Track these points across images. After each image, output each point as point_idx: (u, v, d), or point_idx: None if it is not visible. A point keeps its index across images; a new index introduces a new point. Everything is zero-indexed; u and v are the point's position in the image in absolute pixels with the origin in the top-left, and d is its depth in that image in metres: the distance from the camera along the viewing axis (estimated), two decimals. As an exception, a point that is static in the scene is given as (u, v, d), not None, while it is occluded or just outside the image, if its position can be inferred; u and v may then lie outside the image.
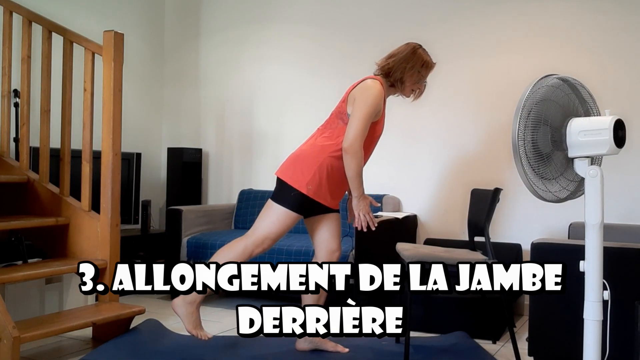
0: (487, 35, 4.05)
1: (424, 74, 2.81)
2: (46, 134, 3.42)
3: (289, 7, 4.74)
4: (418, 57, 2.79)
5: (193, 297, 2.74)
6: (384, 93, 2.74)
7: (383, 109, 2.77)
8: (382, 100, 2.72)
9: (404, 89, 2.82)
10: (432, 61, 2.84)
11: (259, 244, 2.74)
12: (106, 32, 3.26)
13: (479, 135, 4.06)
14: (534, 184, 2.15)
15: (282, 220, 2.71)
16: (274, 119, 4.78)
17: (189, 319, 2.73)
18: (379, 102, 2.68)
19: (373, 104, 2.66)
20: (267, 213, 2.75)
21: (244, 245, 2.74)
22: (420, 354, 2.90)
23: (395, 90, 2.84)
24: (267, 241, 2.74)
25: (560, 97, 2.17)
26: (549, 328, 2.69)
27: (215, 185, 5.02)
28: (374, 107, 2.66)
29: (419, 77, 2.81)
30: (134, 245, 4.43)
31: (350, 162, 2.64)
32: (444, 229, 4.15)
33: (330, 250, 2.87)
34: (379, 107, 2.69)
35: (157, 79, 5.21)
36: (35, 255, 3.59)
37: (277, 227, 2.72)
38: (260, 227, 2.74)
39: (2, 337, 2.48)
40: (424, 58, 2.80)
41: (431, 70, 2.84)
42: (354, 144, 2.62)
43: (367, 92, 2.68)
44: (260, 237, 2.73)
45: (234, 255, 2.73)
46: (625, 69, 3.69)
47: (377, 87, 2.70)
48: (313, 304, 2.88)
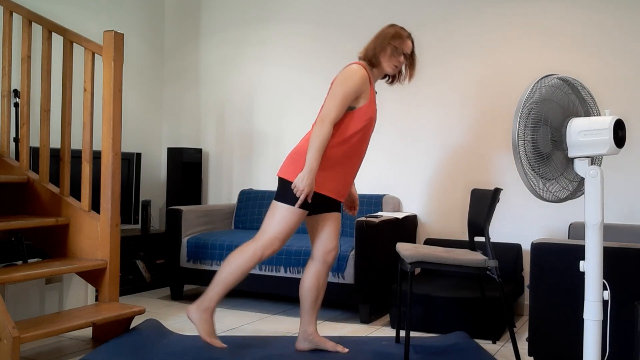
0: (488, 35, 4.05)
1: (397, 45, 2.80)
2: (46, 134, 3.42)
3: (289, 7, 4.74)
4: (386, 32, 2.82)
5: (207, 303, 2.74)
6: (366, 76, 2.75)
7: (371, 93, 2.78)
8: (364, 81, 2.73)
9: (384, 66, 2.81)
10: (404, 31, 2.83)
11: (268, 246, 2.73)
12: (106, 32, 3.26)
13: (479, 135, 4.06)
14: (534, 184, 2.15)
15: (289, 218, 2.72)
16: (274, 119, 4.78)
17: (203, 326, 2.73)
18: (358, 82, 2.70)
19: (350, 82, 2.69)
20: (273, 214, 2.75)
21: (253, 249, 2.73)
22: (420, 354, 2.90)
23: (379, 71, 2.85)
24: (277, 242, 2.74)
25: (560, 97, 2.17)
26: (549, 328, 2.69)
27: (215, 185, 5.02)
28: (350, 86, 2.69)
29: (393, 51, 2.80)
30: (134, 245, 4.43)
31: (317, 132, 2.65)
32: (444, 229, 4.15)
33: (327, 250, 2.89)
34: (359, 87, 2.71)
35: (157, 79, 5.21)
36: (35, 255, 3.59)
37: (284, 227, 2.72)
38: (268, 229, 2.74)
39: (2, 337, 2.48)
40: (392, 30, 2.81)
41: (406, 41, 2.82)
42: (324, 118, 2.66)
43: (345, 73, 2.73)
44: (269, 239, 2.73)
45: (244, 260, 2.73)
46: (625, 69, 3.69)
47: (356, 68, 2.73)
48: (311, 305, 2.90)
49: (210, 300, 2.74)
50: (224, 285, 2.73)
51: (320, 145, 2.64)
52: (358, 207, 3.06)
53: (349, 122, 2.73)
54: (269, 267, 3.79)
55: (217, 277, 2.75)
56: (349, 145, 2.75)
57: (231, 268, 2.73)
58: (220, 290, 2.74)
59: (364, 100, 2.74)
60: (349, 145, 2.75)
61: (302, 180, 2.63)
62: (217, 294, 2.74)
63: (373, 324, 3.59)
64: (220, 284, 2.73)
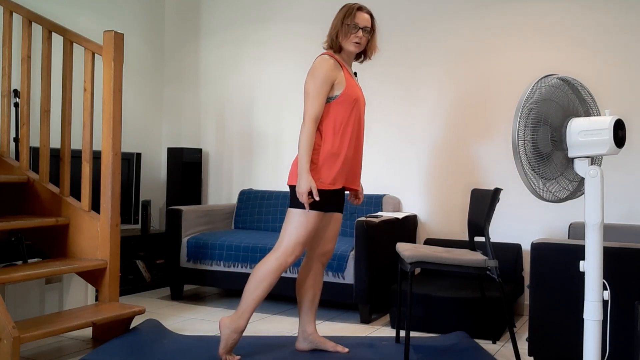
0: (488, 35, 4.05)
1: (349, 23, 2.76)
2: (46, 134, 3.42)
3: (289, 7, 4.74)
4: (337, 15, 2.81)
5: (240, 322, 2.73)
6: (333, 63, 2.73)
7: (347, 77, 2.76)
8: (333, 68, 2.71)
9: (346, 47, 2.78)
10: (355, 5, 2.79)
11: (290, 253, 2.72)
12: (106, 32, 3.26)
13: (478, 135, 4.06)
14: (534, 184, 2.15)
15: (305, 222, 2.71)
16: (274, 119, 4.78)
17: (228, 343, 2.73)
18: (325, 72, 2.69)
19: (317, 75, 2.69)
20: (289, 220, 2.74)
21: (275, 258, 2.72)
22: (420, 354, 2.90)
23: (347, 53, 2.82)
24: (298, 247, 2.73)
25: (560, 97, 2.17)
26: (549, 328, 2.69)
27: (215, 185, 5.02)
28: (319, 78, 2.69)
29: (347, 29, 2.76)
30: (134, 245, 4.43)
31: (302, 134, 2.66)
32: (444, 229, 4.15)
33: (324, 251, 2.91)
34: (329, 76, 2.70)
35: (157, 79, 5.21)
36: (35, 255, 3.59)
37: (302, 231, 2.71)
38: (287, 236, 2.73)
39: (2, 337, 2.48)
40: (342, 10, 2.79)
41: (357, 14, 2.77)
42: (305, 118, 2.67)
43: (311, 68, 2.75)
44: (290, 246, 2.72)
45: (269, 271, 2.71)
46: (625, 69, 3.69)
47: (320, 59, 2.74)
48: (309, 304, 2.90)
49: (242, 318, 2.72)
50: (254, 300, 2.72)
51: (307, 145, 2.65)
52: (363, 196, 3.04)
53: (337, 112, 2.73)
54: (269, 267, 3.79)
55: (246, 292, 2.74)
56: (348, 135, 2.74)
57: (257, 281, 2.71)
58: (250, 305, 2.72)
59: (340, 86, 2.73)
60: (348, 135, 2.74)
61: (299, 185, 2.64)
62: (249, 310, 2.73)
63: (373, 324, 3.59)
64: (250, 298, 2.72)
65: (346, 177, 2.79)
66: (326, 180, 2.70)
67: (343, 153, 2.73)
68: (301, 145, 2.65)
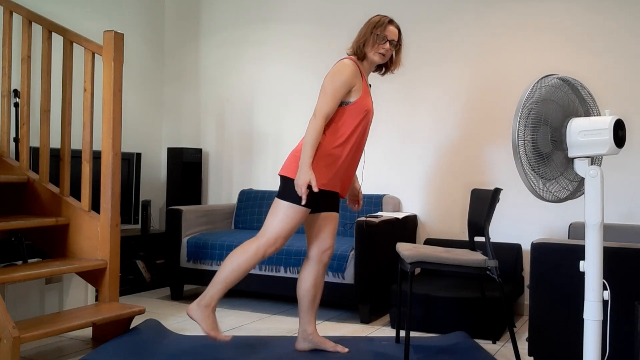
0: (487, 35, 4.05)
1: (379, 33, 2.79)
2: (46, 134, 3.42)
3: (289, 7, 4.74)
4: (368, 22, 2.84)
5: (208, 300, 2.73)
6: (356, 69, 2.76)
7: (364, 86, 2.79)
8: (354, 75, 2.74)
9: (370, 56, 2.81)
10: (385, 17, 2.83)
11: (271, 244, 2.74)
12: (106, 32, 3.26)
13: (479, 135, 4.06)
14: (534, 184, 2.14)
15: (291, 216, 2.72)
16: (274, 119, 4.78)
17: (206, 321, 2.72)
18: (347, 76, 2.71)
19: (339, 77, 2.71)
20: (275, 212, 2.75)
21: (255, 246, 2.73)
22: (420, 354, 2.90)
23: (369, 62, 2.85)
24: (280, 240, 2.74)
25: (560, 97, 2.17)
26: (549, 328, 2.69)
27: (215, 185, 5.02)
28: (340, 81, 2.70)
29: (376, 39, 2.79)
30: (134, 245, 4.43)
31: (310, 127, 2.67)
32: (444, 229, 4.15)
33: (323, 250, 2.90)
34: (349, 81, 2.72)
35: (157, 79, 5.21)
36: (35, 255, 3.59)
37: (287, 224, 2.72)
38: (271, 227, 2.74)
39: (2, 337, 2.48)
40: (373, 20, 2.83)
41: (388, 27, 2.81)
42: (316, 113, 2.68)
43: (334, 68, 2.76)
44: (272, 237, 2.73)
45: (246, 258, 2.72)
46: (625, 69, 3.69)
47: (344, 63, 2.75)
48: (309, 305, 2.90)
49: (211, 298, 2.73)
50: (225, 284, 2.73)
51: (313, 139, 2.66)
52: (362, 201, 3.07)
53: (347, 117, 2.74)
54: (269, 267, 3.79)
55: (218, 275, 2.74)
56: (351, 142, 2.76)
57: (232, 266, 2.73)
58: (221, 288, 2.73)
59: (356, 94, 2.75)
60: (351, 142, 2.76)
61: (299, 177, 2.64)
62: (218, 292, 2.74)
63: (373, 324, 3.59)
64: (221, 282, 2.73)
65: (340, 183, 2.80)
66: (319, 180, 2.70)
67: (342, 158, 2.74)
68: (307, 138, 2.66)
